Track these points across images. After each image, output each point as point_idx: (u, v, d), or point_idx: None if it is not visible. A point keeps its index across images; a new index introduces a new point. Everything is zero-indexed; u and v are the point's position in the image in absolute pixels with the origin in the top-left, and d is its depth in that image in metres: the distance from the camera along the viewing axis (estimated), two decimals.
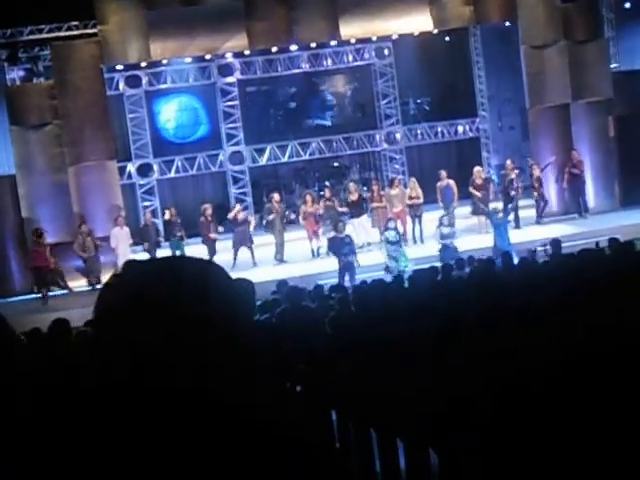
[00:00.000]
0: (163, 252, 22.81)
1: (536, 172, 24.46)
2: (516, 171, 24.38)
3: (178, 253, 21.94)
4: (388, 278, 16.14)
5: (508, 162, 24.96)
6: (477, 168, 25.03)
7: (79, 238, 22.75)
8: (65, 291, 22.59)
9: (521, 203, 24.39)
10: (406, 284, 14.08)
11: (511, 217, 22.73)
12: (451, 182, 24.38)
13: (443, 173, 24.79)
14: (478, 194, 23.99)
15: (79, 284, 22.94)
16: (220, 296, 1.83)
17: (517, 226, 23.59)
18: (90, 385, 1.85)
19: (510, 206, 23.05)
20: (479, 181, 24.28)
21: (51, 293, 22.45)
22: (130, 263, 1.90)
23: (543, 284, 9.41)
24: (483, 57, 31.31)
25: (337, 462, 2.00)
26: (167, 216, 24.11)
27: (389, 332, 7.76)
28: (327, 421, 7.07)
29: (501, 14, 26.41)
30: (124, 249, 22.46)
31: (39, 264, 22.04)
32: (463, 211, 24.64)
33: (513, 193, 23.79)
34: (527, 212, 24.60)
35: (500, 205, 22.83)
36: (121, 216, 23.52)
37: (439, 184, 24.60)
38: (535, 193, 24.45)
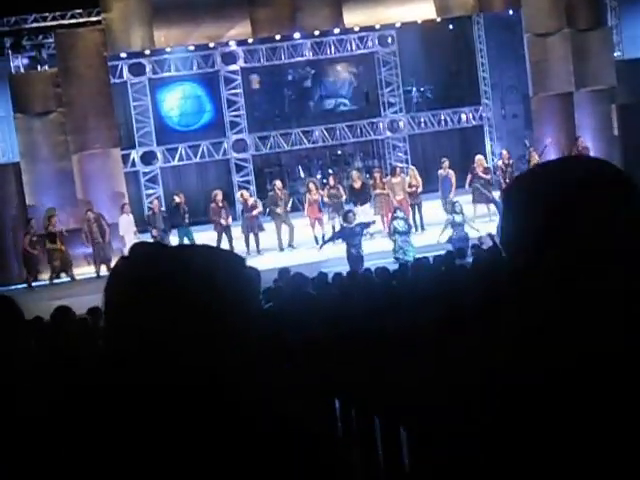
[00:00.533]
0: (172, 238, 22.77)
1: (534, 158, 24.43)
2: (511, 160, 24.39)
3: (186, 239, 21.99)
4: (394, 266, 16.15)
5: (504, 152, 24.90)
6: (479, 156, 25.01)
7: (84, 226, 22.84)
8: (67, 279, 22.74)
9: None
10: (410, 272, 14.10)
11: None
12: (451, 172, 24.39)
13: (446, 162, 24.81)
14: (486, 176, 23.97)
15: (85, 271, 23.03)
16: (228, 285, 1.82)
17: None
18: (90, 373, 1.85)
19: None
20: (481, 169, 24.26)
21: (57, 280, 22.60)
22: (138, 246, 1.89)
23: None
24: (486, 45, 31.24)
25: (338, 453, 2.00)
26: (177, 200, 23.95)
27: (392, 320, 7.80)
28: (329, 410, 7.12)
29: (505, 2, 26.43)
30: (129, 237, 22.53)
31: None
32: (465, 199, 24.56)
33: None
34: None
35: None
36: (126, 203, 23.61)
37: (440, 172, 24.64)
38: None
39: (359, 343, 7.51)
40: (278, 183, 24.59)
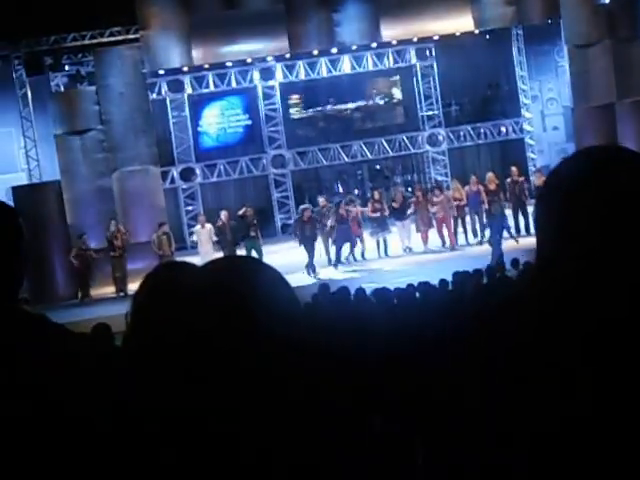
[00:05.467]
0: (240, 251, 22.56)
1: (538, 180, 24.20)
2: (522, 177, 24.18)
3: (254, 251, 21.90)
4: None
5: (513, 169, 24.53)
6: (490, 174, 24.43)
7: (154, 238, 22.80)
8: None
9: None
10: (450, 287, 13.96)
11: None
12: (481, 188, 24.12)
13: (473, 178, 24.63)
14: (498, 194, 23.76)
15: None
16: (279, 299, 1.79)
17: (527, 231, 23.31)
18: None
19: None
20: (492, 186, 23.86)
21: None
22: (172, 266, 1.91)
23: None
24: (526, 57, 31.07)
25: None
26: (244, 213, 23.80)
27: (428, 336, 7.68)
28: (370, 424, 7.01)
29: (543, 13, 26.24)
30: (207, 248, 22.42)
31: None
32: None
33: (523, 198, 23.64)
34: None
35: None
36: (202, 215, 23.58)
37: (467, 188, 24.43)
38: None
39: (399, 358, 7.40)
40: (321, 200, 24.41)
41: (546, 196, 1.80)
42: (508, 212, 23.51)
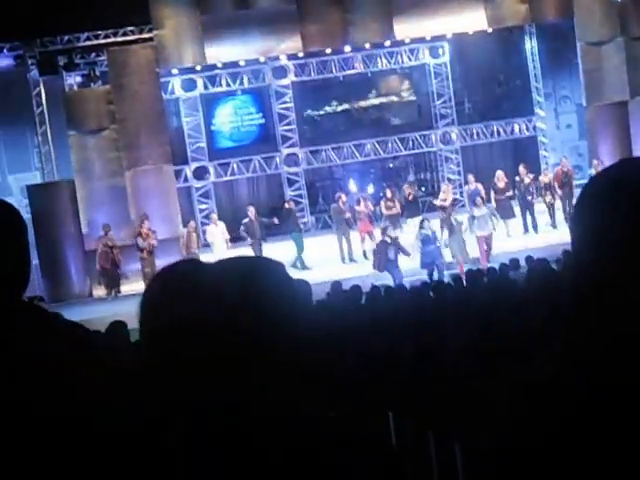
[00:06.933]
0: (269, 247, 22.68)
1: (545, 178, 24.13)
2: (530, 176, 24.09)
3: (296, 244, 22.40)
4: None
5: (521, 168, 24.46)
6: (499, 172, 24.43)
7: (184, 235, 22.95)
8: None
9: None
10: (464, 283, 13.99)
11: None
12: (479, 186, 24.12)
13: (471, 177, 24.66)
14: (508, 192, 23.68)
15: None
16: (283, 299, 1.82)
17: (535, 230, 23.33)
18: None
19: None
20: (501, 185, 23.84)
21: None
22: (186, 264, 1.89)
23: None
24: (539, 55, 31.00)
25: (392, 467, 1.98)
26: (288, 206, 24.19)
27: (446, 334, 7.70)
28: (384, 425, 7.03)
29: (557, 11, 26.14)
30: (220, 245, 22.44)
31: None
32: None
33: (529, 198, 23.59)
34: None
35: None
36: (214, 213, 23.62)
37: (466, 188, 24.40)
38: (547, 199, 23.92)
39: (412, 357, 7.41)
40: (343, 197, 24.50)
41: (597, 209, 1.64)
42: (517, 210, 23.56)
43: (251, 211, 23.23)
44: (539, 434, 1.58)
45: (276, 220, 23.82)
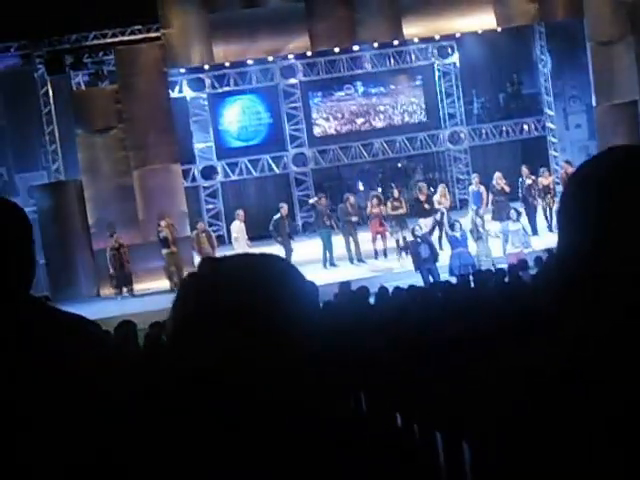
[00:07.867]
0: (298, 245, 22.75)
1: (545, 180, 24.00)
2: (532, 177, 23.98)
3: (324, 241, 22.69)
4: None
5: (523, 168, 24.37)
6: (498, 174, 24.29)
7: (194, 236, 23.11)
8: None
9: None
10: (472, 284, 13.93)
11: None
12: (482, 188, 24.06)
13: (476, 178, 24.64)
14: (506, 193, 23.57)
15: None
16: (294, 301, 1.84)
17: (534, 233, 23.12)
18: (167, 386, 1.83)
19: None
20: (499, 186, 23.75)
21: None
22: (205, 262, 1.90)
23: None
24: (548, 54, 30.89)
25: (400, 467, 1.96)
26: (315, 201, 24.38)
27: (452, 332, 7.62)
28: (391, 424, 6.96)
29: (566, 11, 26.04)
30: (242, 243, 22.60)
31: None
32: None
33: (530, 200, 23.49)
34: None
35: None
36: (241, 210, 23.73)
37: (471, 188, 24.39)
38: (546, 201, 23.82)
39: (418, 357, 7.34)
40: (351, 198, 24.43)
41: (580, 192, 1.68)
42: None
43: (284, 208, 23.52)
44: (539, 418, 1.59)
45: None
